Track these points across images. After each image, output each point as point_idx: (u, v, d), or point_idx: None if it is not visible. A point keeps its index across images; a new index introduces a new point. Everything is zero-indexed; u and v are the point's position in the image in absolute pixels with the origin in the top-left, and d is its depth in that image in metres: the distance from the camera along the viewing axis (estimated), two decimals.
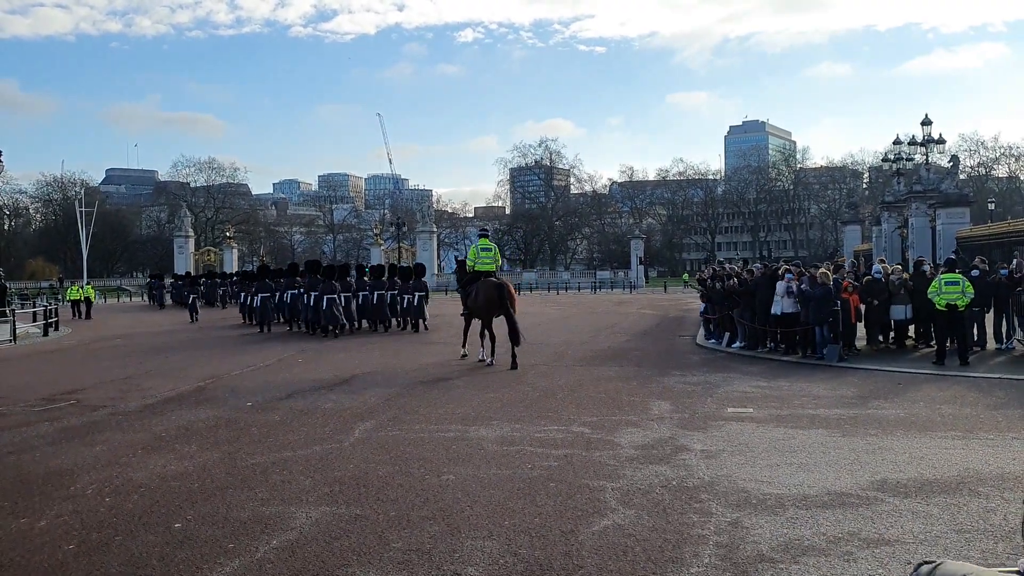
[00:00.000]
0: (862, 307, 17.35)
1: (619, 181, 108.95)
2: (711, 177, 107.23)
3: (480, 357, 16.82)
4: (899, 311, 17.31)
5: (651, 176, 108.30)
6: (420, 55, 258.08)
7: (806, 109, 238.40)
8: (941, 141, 40.43)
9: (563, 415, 10.84)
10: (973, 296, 15.19)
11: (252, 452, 8.85)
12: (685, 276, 45.93)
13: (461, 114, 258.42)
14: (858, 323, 17.55)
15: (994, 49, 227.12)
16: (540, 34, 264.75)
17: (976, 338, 16.95)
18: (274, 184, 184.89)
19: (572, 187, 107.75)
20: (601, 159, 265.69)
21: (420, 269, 27.64)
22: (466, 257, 18.23)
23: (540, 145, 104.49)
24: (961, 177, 63.94)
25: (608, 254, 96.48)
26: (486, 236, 18.42)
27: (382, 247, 63.58)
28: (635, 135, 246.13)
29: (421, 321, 25.61)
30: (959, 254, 26.22)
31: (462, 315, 17.75)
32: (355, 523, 6.34)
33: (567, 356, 17.85)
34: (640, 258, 76.22)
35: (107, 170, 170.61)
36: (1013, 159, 77.43)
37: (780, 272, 18.17)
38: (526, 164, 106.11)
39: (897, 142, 44.11)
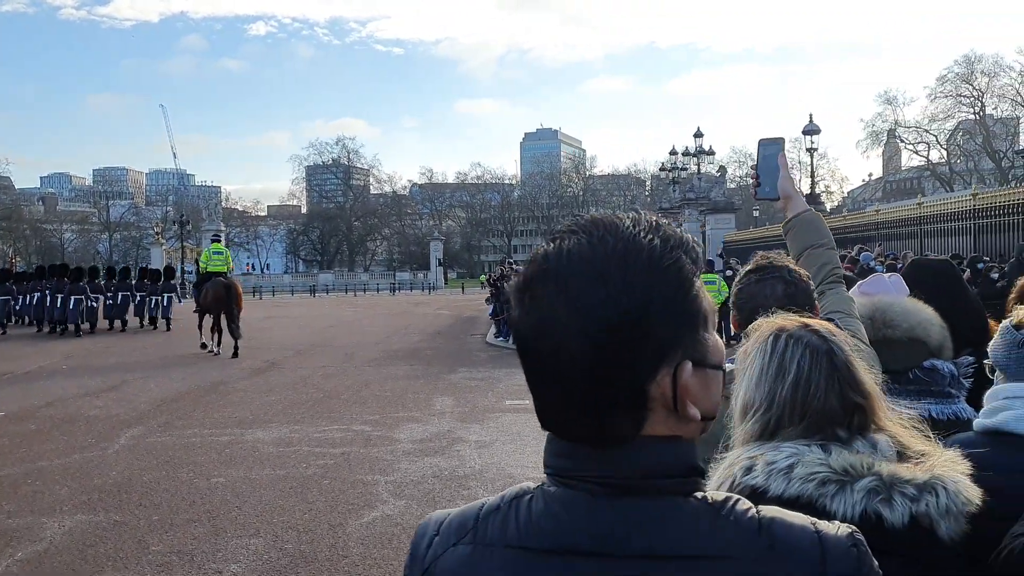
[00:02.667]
0: None
1: (419, 183, 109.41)
2: (508, 182, 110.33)
3: (210, 348, 18.22)
4: None
5: (451, 179, 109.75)
6: (206, 45, 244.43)
7: (593, 119, 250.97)
8: (711, 152, 44.12)
9: (345, 415, 10.90)
10: (728, 295, 16.82)
11: (1, 465, 8.20)
12: (483, 277, 47.10)
13: (249, 109, 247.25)
14: None
15: (761, 70, 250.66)
16: (336, 32, 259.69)
17: (734, 333, 18.77)
18: (41, 178, 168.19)
19: (371, 187, 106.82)
20: (400, 160, 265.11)
21: (169, 272, 29.68)
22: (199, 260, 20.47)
23: (338, 143, 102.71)
24: (730, 186, 69.83)
25: (408, 255, 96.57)
26: (218, 241, 20.44)
27: (164, 247, 59.77)
28: (431, 138, 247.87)
29: (167, 320, 26.59)
30: (724, 256, 28.76)
31: (195, 311, 19.26)
32: (113, 529, 6.11)
33: (357, 357, 17.82)
34: (439, 260, 76.99)
35: None
36: None
37: None
38: (323, 163, 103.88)
39: (673, 152, 47.61)
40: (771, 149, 2.50)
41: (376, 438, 9.34)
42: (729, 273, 18.52)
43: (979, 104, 62.05)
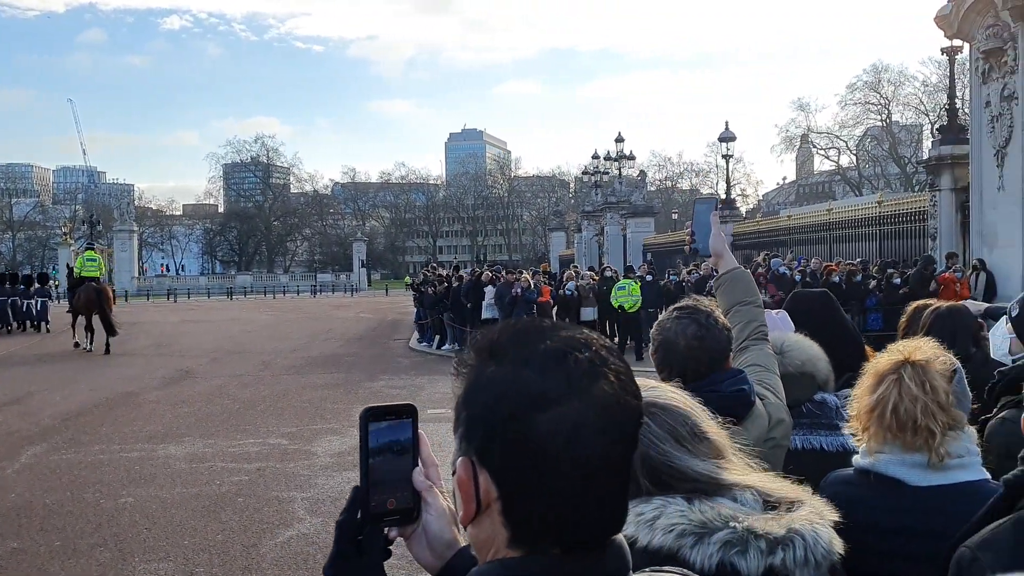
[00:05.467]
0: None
1: (341, 182, 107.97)
2: (433, 182, 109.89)
3: (83, 346, 19.91)
4: (588, 312, 19.05)
5: (374, 178, 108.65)
6: (109, 39, 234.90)
7: (515, 121, 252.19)
8: (631, 157, 44.89)
9: (262, 427, 10.69)
10: (641, 299, 17.14)
11: None
12: (407, 279, 46.45)
13: (157, 105, 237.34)
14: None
15: (680, 74, 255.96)
16: (254, 27, 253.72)
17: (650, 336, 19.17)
18: None
19: (292, 186, 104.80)
20: (320, 159, 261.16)
21: (43, 278, 30.76)
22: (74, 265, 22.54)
23: (256, 141, 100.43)
24: (651, 189, 71.01)
25: (330, 256, 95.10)
26: (92, 248, 22.62)
27: (72, 247, 57.27)
28: (347, 137, 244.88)
29: (44, 324, 27.07)
30: (650, 262, 29.19)
31: (68, 312, 21.10)
32: (11, 558, 5.86)
33: (274, 365, 17.49)
34: (362, 261, 76.10)
35: None
36: (694, 174, 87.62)
37: (487, 277, 19.22)
38: (241, 161, 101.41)
39: (595, 156, 48.27)
40: (704, 208, 2.67)
41: (293, 452, 9.19)
42: (649, 278, 18.90)
43: (886, 112, 64.76)
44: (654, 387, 1.53)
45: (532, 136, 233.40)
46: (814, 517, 1.42)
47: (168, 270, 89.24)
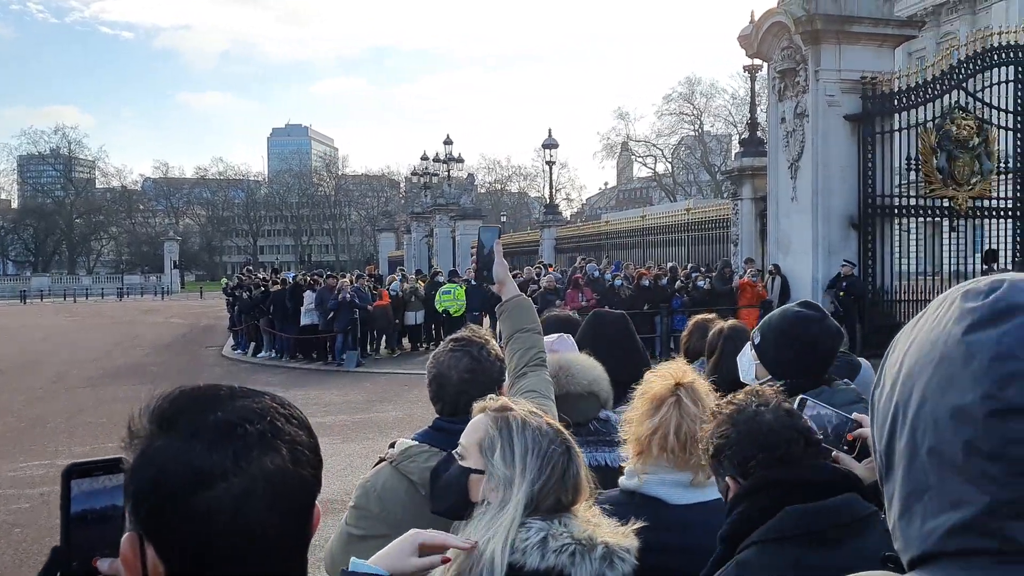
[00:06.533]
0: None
1: (153, 177, 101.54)
2: (253, 178, 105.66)
3: None
4: (412, 316, 18.89)
5: (189, 174, 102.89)
6: None
7: (343, 118, 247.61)
8: (460, 160, 45.16)
9: (50, 447, 9.76)
10: (465, 303, 17.17)
11: None
12: (224, 281, 43.95)
13: None
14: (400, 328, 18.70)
15: (509, 78, 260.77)
16: (53, 9, 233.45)
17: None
18: None
19: (98, 181, 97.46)
20: (130, 153, 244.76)
21: None
22: None
23: (56, 132, 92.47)
24: (480, 192, 71.72)
25: (139, 256, 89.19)
26: None
27: None
28: (159, 129, 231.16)
29: None
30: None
31: None
32: None
33: (70, 377, 16.07)
34: (175, 261, 71.88)
35: None
36: (522, 177, 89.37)
37: (308, 282, 18.61)
38: (39, 153, 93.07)
39: (424, 158, 48.11)
40: (489, 235, 2.75)
41: None
42: (474, 282, 18.97)
43: (698, 122, 68.96)
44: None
45: (361, 134, 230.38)
46: (622, 538, 1.63)
47: None
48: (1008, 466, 0.70)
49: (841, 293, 14.18)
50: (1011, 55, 15.17)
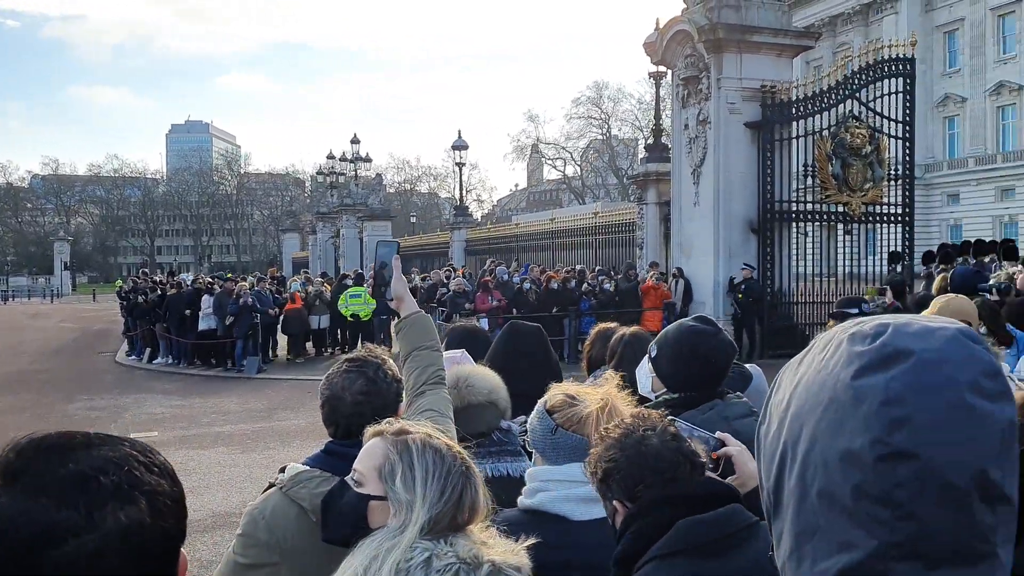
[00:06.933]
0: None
1: (42, 174, 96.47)
2: (151, 176, 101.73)
3: None
4: (316, 320, 18.41)
5: (81, 171, 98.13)
6: None
7: (245, 115, 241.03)
8: (368, 159, 44.49)
9: None
10: (375, 306, 16.85)
11: None
12: (119, 283, 41.69)
13: None
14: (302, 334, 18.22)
15: (414, 78, 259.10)
16: None
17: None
18: None
19: None
20: (15, 148, 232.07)
21: None
22: None
23: None
24: (390, 191, 70.88)
25: (26, 257, 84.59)
26: None
27: None
28: (48, 124, 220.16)
29: None
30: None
31: None
32: None
33: None
34: (66, 263, 68.42)
35: None
36: (433, 178, 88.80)
37: (206, 285, 17.93)
38: None
39: (331, 156, 47.21)
40: (387, 250, 2.64)
41: None
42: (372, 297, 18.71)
43: (606, 126, 70.07)
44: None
45: (264, 132, 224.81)
46: (513, 556, 1.59)
47: None
48: (895, 510, 0.72)
49: (740, 295, 14.55)
50: (901, 67, 15.88)
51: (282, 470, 2.18)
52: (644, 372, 2.63)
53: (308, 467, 2.15)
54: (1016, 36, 43.16)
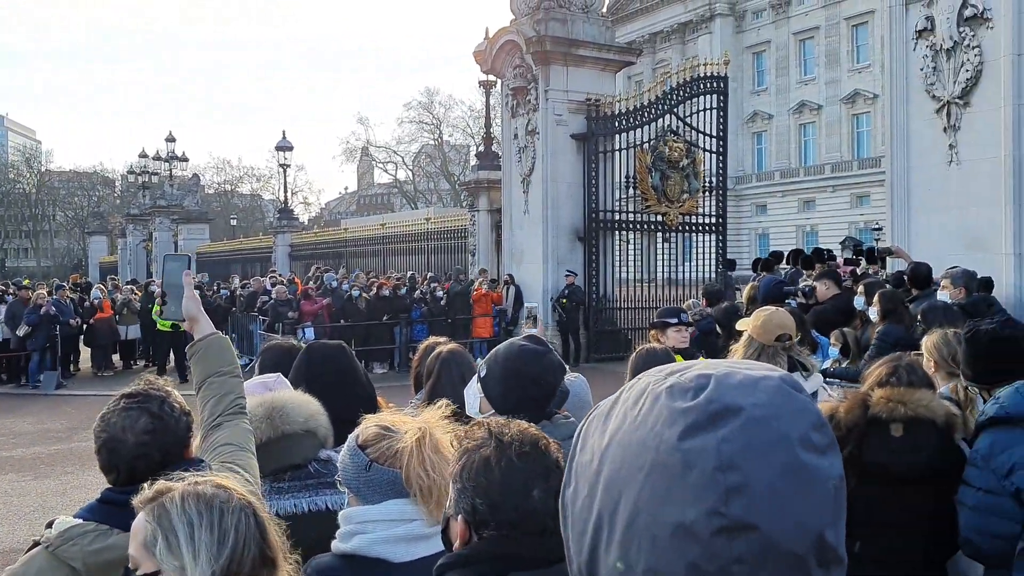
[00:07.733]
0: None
1: None
2: None
3: None
4: (124, 331, 17.13)
5: None
6: None
7: (50, 109, 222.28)
8: (184, 159, 42.11)
9: None
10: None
11: None
12: None
13: None
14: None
15: (258, 70, 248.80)
16: None
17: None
18: None
19: None
20: None
21: None
22: None
23: None
24: (209, 193, 67.45)
25: None
26: None
27: None
28: None
29: None
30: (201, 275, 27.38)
31: None
32: None
33: None
34: None
35: None
36: (255, 179, 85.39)
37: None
38: None
39: (143, 155, 44.31)
40: (176, 265, 2.36)
41: None
42: (225, 294, 17.85)
43: (438, 132, 70.23)
44: None
45: (69, 127, 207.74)
46: None
47: None
48: None
49: (563, 300, 14.93)
50: (715, 85, 16.84)
51: (49, 525, 1.88)
52: (472, 392, 2.54)
53: (80, 520, 1.88)
54: (815, 59, 47.29)
